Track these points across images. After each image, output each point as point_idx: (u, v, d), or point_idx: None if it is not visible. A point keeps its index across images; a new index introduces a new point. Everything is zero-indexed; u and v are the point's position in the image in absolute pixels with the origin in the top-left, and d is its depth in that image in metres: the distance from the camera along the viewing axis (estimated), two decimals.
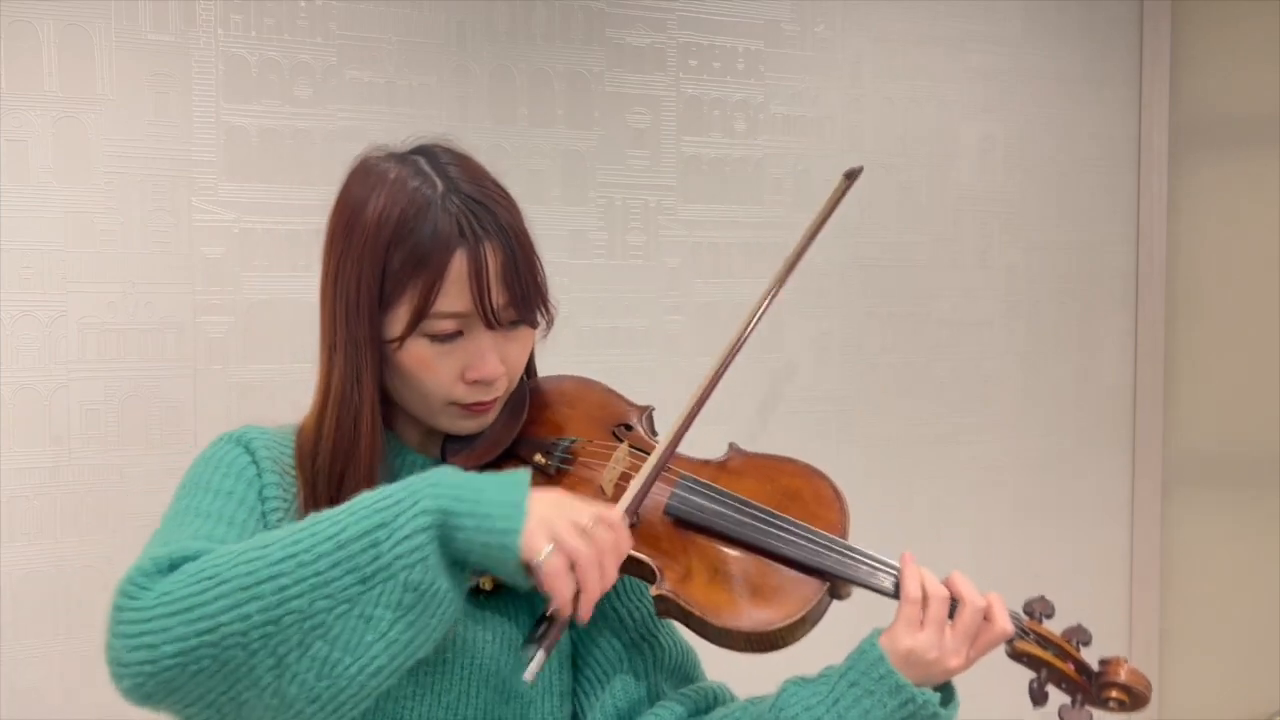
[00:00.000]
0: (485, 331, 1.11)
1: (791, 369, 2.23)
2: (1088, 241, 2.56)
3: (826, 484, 1.20)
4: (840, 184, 1.28)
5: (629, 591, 1.22)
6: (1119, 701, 1.11)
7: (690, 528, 1.14)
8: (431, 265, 1.07)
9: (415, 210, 1.08)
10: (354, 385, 1.11)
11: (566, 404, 1.26)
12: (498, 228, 1.10)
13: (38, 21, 1.64)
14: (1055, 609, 1.16)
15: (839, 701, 1.06)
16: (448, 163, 1.14)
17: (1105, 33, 2.54)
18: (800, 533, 1.12)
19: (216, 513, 1.08)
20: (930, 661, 1.06)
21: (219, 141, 1.76)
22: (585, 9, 2.02)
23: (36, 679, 1.68)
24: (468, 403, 1.13)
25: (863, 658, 1.07)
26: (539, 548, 0.93)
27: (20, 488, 1.66)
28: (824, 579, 1.10)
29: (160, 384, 1.74)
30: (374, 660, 0.93)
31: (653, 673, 1.20)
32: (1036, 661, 1.12)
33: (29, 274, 1.66)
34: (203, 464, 1.14)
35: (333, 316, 1.12)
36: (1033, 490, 2.51)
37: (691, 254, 2.12)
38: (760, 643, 1.08)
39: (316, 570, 0.92)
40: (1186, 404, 2.61)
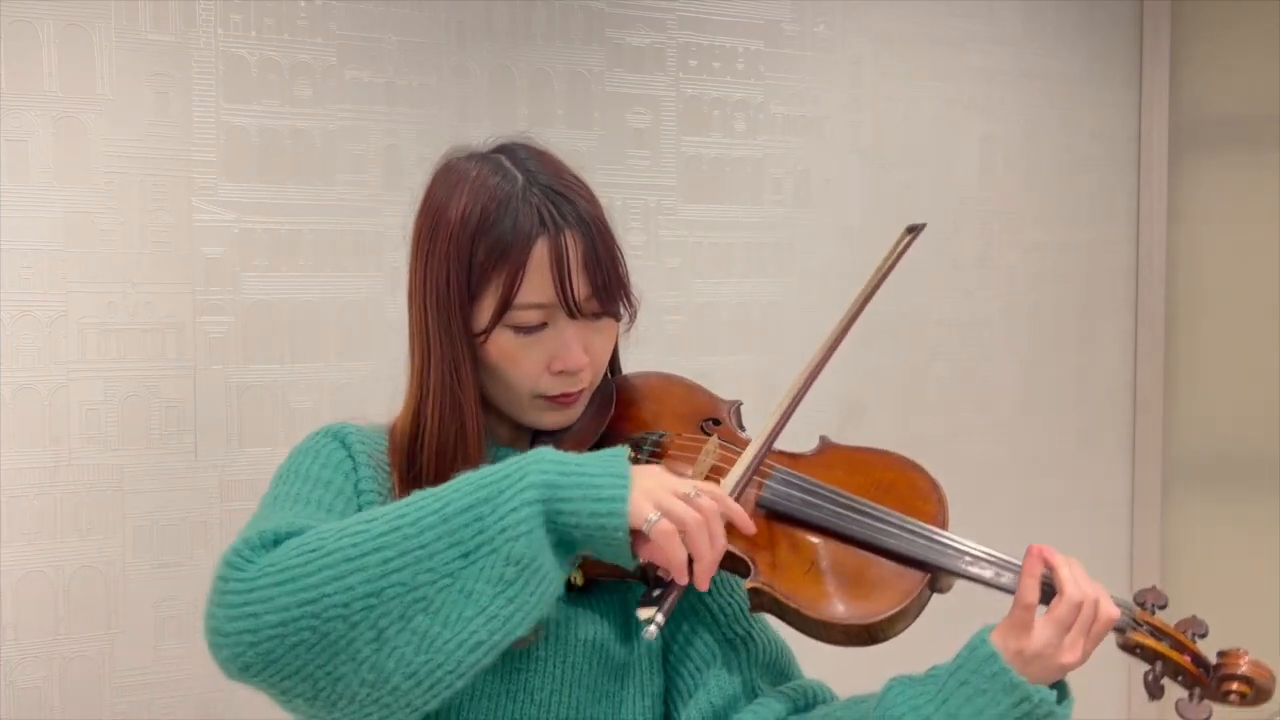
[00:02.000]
0: (569, 322, 1.12)
1: None
2: (1088, 241, 2.56)
3: (923, 475, 1.20)
4: (901, 238, 1.28)
5: (721, 587, 1.21)
6: (1240, 694, 1.06)
7: (784, 520, 1.12)
8: (514, 256, 1.08)
9: (497, 204, 1.10)
10: (453, 377, 1.12)
11: (653, 399, 1.26)
12: (578, 218, 1.11)
13: (38, 21, 1.64)
14: (1169, 600, 1.12)
15: (948, 701, 1.03)
16: (527, 158, 1.15)
17: (1105, 33, 2.54)
18: (898, 523, 1.10)
19: (316, 500, 1.09)
20: (1045, 657, 1.03)
21: (219, 141, 1.76)
22: (585, 9, 2.02)
23: (36, 679, 1.68)
24: (553, 394, 1.14)
25: (973, 655, 1.04)
26: (646, 514, 0.95)
27: (20, 488, 1.66)
28: (924, 571, 1.08)
29: (160, 384, 1.74)
30: (473, 635, 0.94)
31: (748, 669, 1.19)
32: (1151, 653, 1.08)
33: (29, 274, 1.66)
34: (300, 455, 1.15)
35: (423, 313, 1.13)
36: (1033, 490, 2.51)
37: (691, 254, 2.12)
38: (859, 635, 1.06)
39: (421, 543, 0.93)
40: (1186, 404, 2.61)
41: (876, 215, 2.31)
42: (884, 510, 1.12)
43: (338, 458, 1.13)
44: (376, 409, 1.84)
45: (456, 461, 1.11)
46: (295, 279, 1.82)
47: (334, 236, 1.83)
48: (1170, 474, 2.62)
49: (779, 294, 2.21)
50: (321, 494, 1.10)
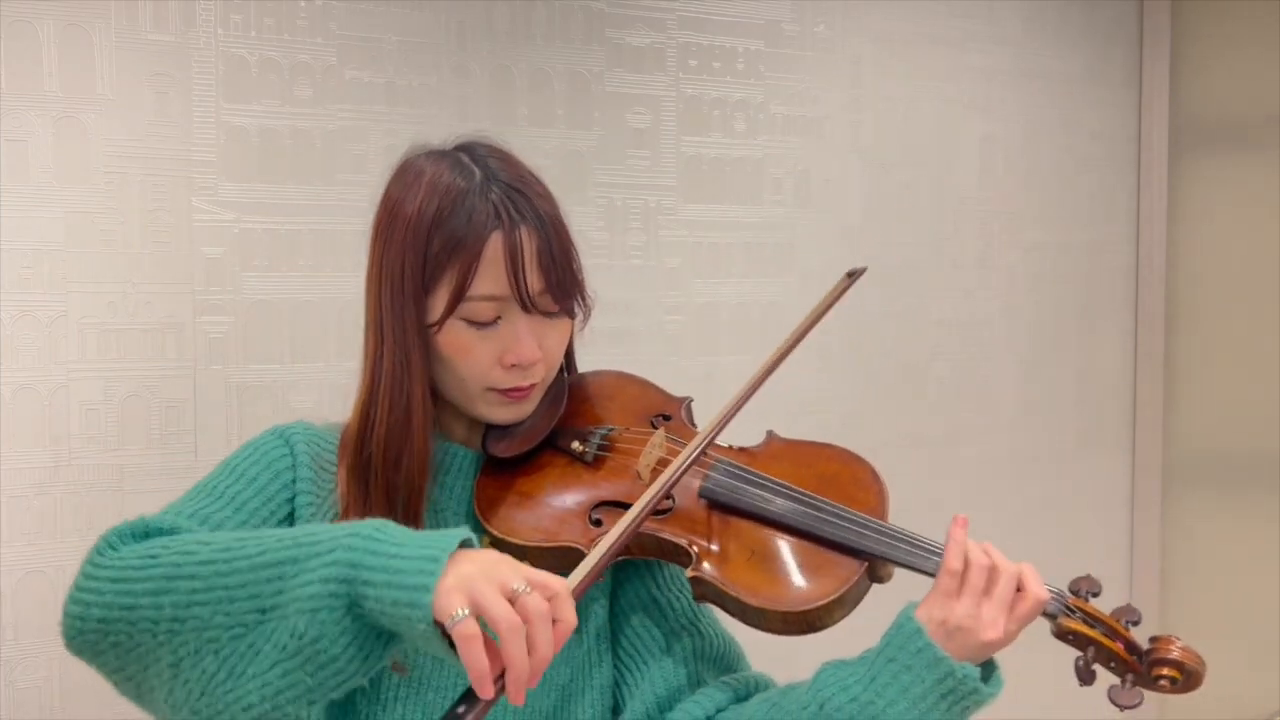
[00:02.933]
0: (522, 316, 1.13)
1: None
2: (1088, 241, 2.56)
3: (865, 467, 1.21)
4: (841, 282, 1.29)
5: (669, 581, 1.23)
6: (1171, 679, 1.07)
7: (726, 510, 1.14)
8: (468, 247, 1.10)
9: (454, 197, 1.11)
10: (404, 368, 1.13)
11: (605, 396, 1.28)
12: (534, 214, 1.13)
13: (38, 21, 1.64)
14: (1102, 587, 1.13)
15: (876, 679, 1.05)
16: (486, 155, 1.17)
17: (1105, 33, 2.54)
18: (837, 513, 1.12)
19: (230, 495, 1.11)
20: (966, 631, 1.05)
21: (219, 141, 1.76)
22: (585, 9, 2.02)
23: (36, 679, 1.68)
24: (505, 388, 1.15)
25: (899, 632, 1.06)
26: (452, 610, 0.85)
27: (20, 488, 1.66)
28: (862, 559, 1.10)
29: (160, 384, 1.74)
30: (247, 694, 0.91)
31: (693, 661, 1.20)
32: (1083, 640, 1.09)
33: (29, 274, 1.66)
34: (244, 450, 1.17)
35: (379, 304, 1.15)
36: (1033, 490, 2.51)
37: (691, 254, 2.12)
38: (797, 623, 1.08)
39: (226, 585, 0.92)
40: (1186, 404, 2.61)
41: (876, 215, 2.31)
42: (823, 500, 1.13)
43: (276, 454, 1.15)
44: None
45: (403, 452, 1.12)
46: (295, 279, 1.82)
47: (334, 236, 1.83)
48: (1170, 474, 2.62)
49: (779, 294, 2.21)
50: (240, 490, 1.11)
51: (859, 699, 1.04)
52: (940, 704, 1.04)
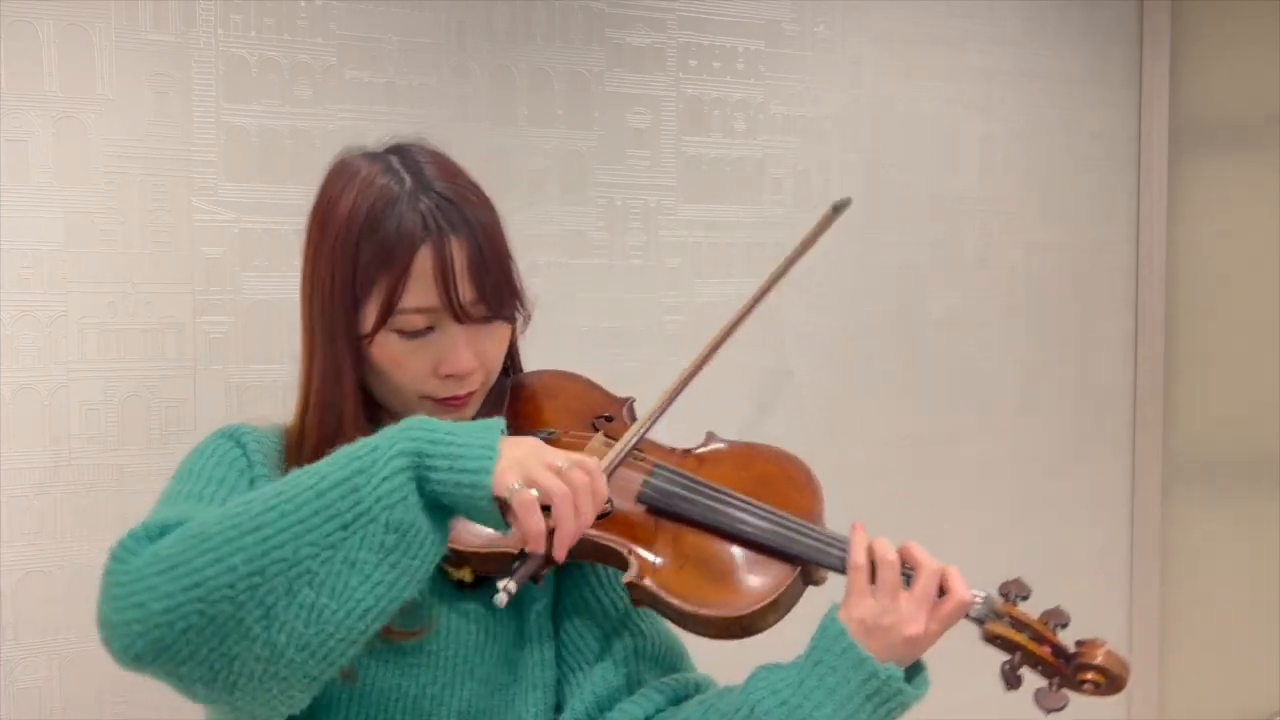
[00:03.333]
0: (457, 326, 1.12)
1: (790, 371, 2.23)
2: (1088, 241, 2.56)
3: (799, 469, 1.22)
4: (827, 214, 1.30)
5: (609, 582, 1.23)
6: (1094, 684, 1.09)
7: (664, 515, 1.15)
8: (397, 260, 1.08)
9: (383, 205, 1.10)
10: (334, 381, 1.13)
11: (546, 397, 1.28)
12: (464, 222, 1.11)
13: (38, 21, 1.64)
14: (1031, 591, 1.14)
15: (805, 682, 1.06)
16: (419, 160, 1.15)
17: (1105, 33, 2.54)
18: (771, 518, 1.13)
19: (210, 496, 1.10)
20: (886, 628, 1.06)
21: (219, 141, 1.76)
22: (585, 9, 2.02)
23: (36, 679, 1.68)
24: (441, 397, 1.14)
25: (824, 634, 1.07)
26: (510, 484, 0.95)
27: (20, 488, 1.66)
28: (795, 564, 1.11)
29: (160, 384, 1.74)
30: (360, 603, 0.94)
31: (633, 661, 1.20)
32: (1010, 644, 1.10)
33: (29, 274, 1.66)
34: (196, 455, 1.16)
35: (310, 314, 1.14)
36: (1033, 490, 2.51)
37: (691, 254, 2.12)
38: (732, 628, 1.09)
39: (299, 518, 0.93)
40: (1186, 404, 2.61)
41: (876, 215, 2.31)
42: (757, 505, 1.14)
43: (232, 456, 1.14)
44: None
45: None
46: (295, 279, 1.81)
47: None
48: (1170, 474, 2.62)
49: (779, 294, 2.20)
50: (215, 491, 1.10)
51: (788, 702, 1.05)
52: (866, 705, 1.05)
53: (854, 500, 1.19)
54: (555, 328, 1.98)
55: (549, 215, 2.00)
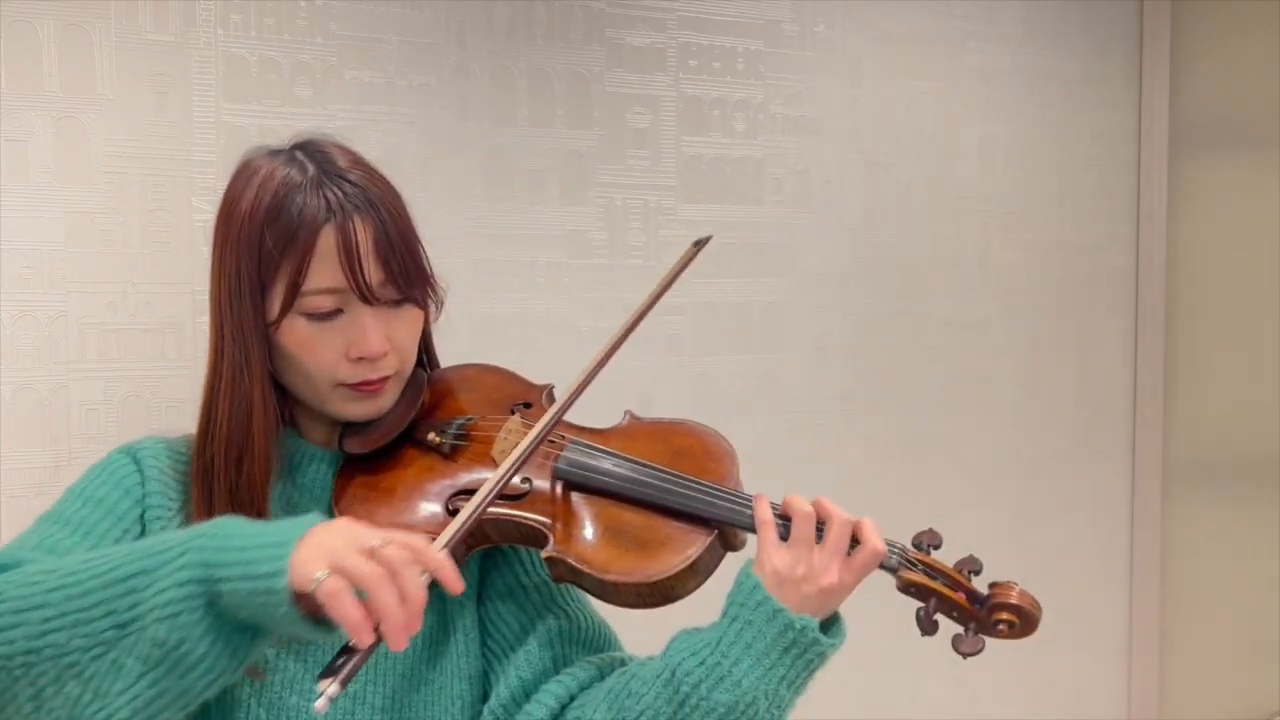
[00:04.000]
0: (365, 308, 1.11)
1: (788, 369, 2.23)
2: (1088, 241, 2.56)
3: (716, 439, 1.22)
4: (688, 251, 1.31)
5: (533, 566, 1.23)
6: (1009, 623, 1.09)
7: (579, 489, 1.15)
8: (300, 241, 1.09)
9: (286, 191, 1.11)
10: (243, 370, 1.11)
11: (465, 388, 1.28)
12: (369, 204, 1.11)
13: (38, 21, 1.64)
14: (943, 540, 1.16)
15: (723, 639, 1.06)
16: (323, 149, 1.16)
17: (1105, 33, 2.54)
18: (682, 483, 1.13)
19: (78, 521, 1.09)
20: (800, 579, 1.06)
21: (219, 141, 1.76)
22: (585, 9, 2.02)
23: None
24: (354, 382, 1.13)
25: (739, 589, 1.08)
26: (311, 575, 0.85)
27: (20, 488, 1.66)
28: (710, 527, 1.11)
29: (160, 384, 1.74)
30: (117, 712, 0.90)
31: (560, 644, 1.20)
32: (925, 591, 1.11)
33: (29, 274, 1.66)
34: (90, 473, 1.15)
35: (218, 304, 1.14)
36: (1032, 491, 2.51)
37: None
38: (651, 594, 1.09)
39: (80, 607, 0.90)
40: (1186, 404, 2.61)
41: (876, 215, 2.31)
42: (670, 472, 1.15)
43: (123, 473, 1.13)
44: None
45: (244, 453, 1.11)
46: None
47: None
48: (1170, 474, 2.62)
49: (779, 294, 2.21)
50: (89, 514, 1.09)
51: (706, 661, 1.06)
52: (784, 658, 1.05)
53: (854, 499, 1.19)
54: (555, 328, 1.98)
55: (549, 215, 2.00)
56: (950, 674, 1.16)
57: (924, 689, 2.32)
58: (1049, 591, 1.16)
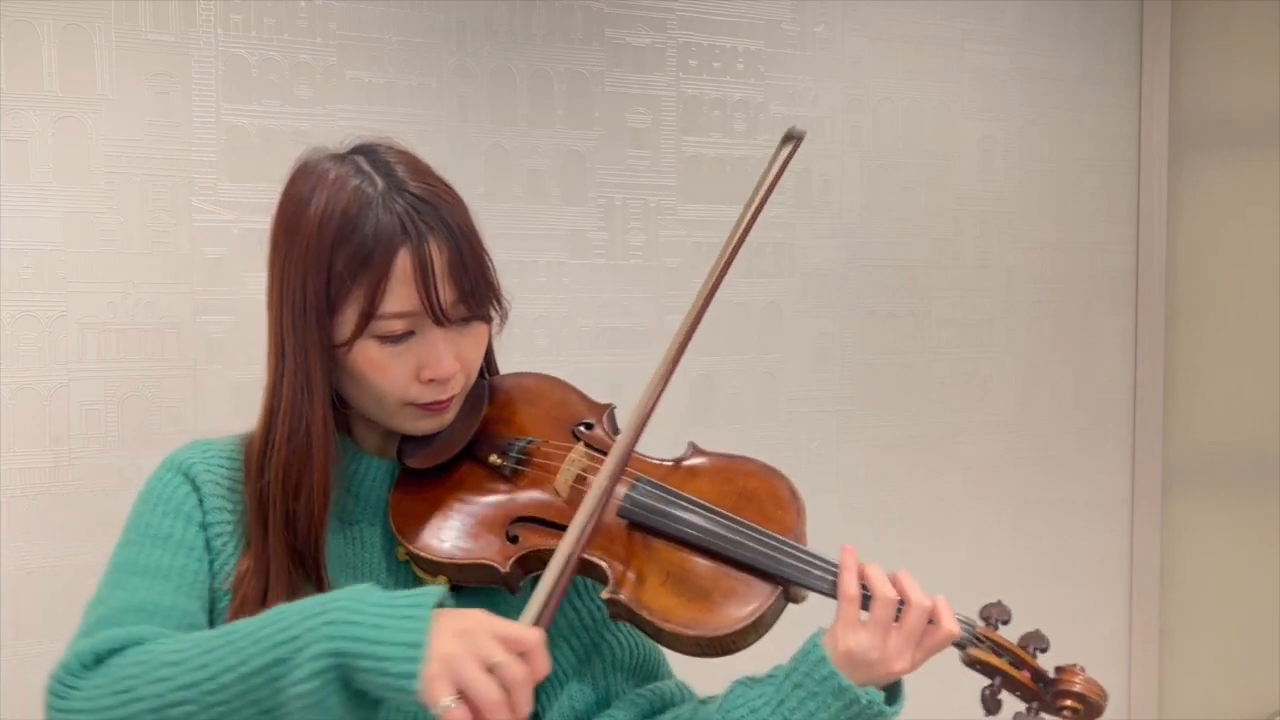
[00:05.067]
0: (436, 329, 1.09)
1: (789, 369, 2.23)
2: (1088, 241, 2.56)
3: (783, 485, 1.18)
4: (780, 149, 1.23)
5: (584, 593, 1.21)
6: (1073, 710, 1.09)
7: (644, 530, 1.12)
8: (375, 265, 1.05)
9: (357, 209, 1.07)
10: (304, 392, 1.09)
11: (526, 402, 1.25)
12: (441, 223, 1.08)
13: (38, 21, 1.64)
14: (1012, 615, 1.14)
15: (784, 703, 1.05)
16: (389, 160, 1.12)
17: (1105, 33, 2.54)
18: (754, 536, 1.11)
19: (154, 566, 1.08)
20: (873, 662, 1.05)
21: (219, 141, 1.76)
22: (585, 9, 2.02)
23: (36, 679, 1.68)
24: (424, 402, 1.11)
25: (806, 659, 1.06)
26: (439, 696, 0.89)
27: (20, 488, 1.66)
28: (776, 584, 1.09)
29: (160, 384, 1.74)
30: None
31: (609, 673, 1.19)
32: (990, 669, 1.10)
33: (29, 274, 1.66)
34: (145, 501, 1.14)
35: (279, 322, 1.10)
36: (1032, 490, 2.51)
37: (691, 254, 2.12)
38: (711, 647, 1.07)
39: (221, 699, 0.92)
40: (1186, 404, 2.61)
41: (876, 215, 2.31)
42: (740, 522, 1.12)
43: (179, 497, 1.12)
44: None
45: (302, 482, 1.09)
46: None
47: None
48: (1170, 474, 2.62)
49: (779, 294, 2.21)
50: (160, 556, 1.09)
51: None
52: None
53: (854, 500, 1.19)
54: (555, 327, 1.98)
55: (549, 215, 2.00)
56: (949, 674, 1.16)
57: (919, 684, 2.32)
58: (1049, 591, 1.16)
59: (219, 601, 1.10)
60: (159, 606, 1.05)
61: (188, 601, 1.07)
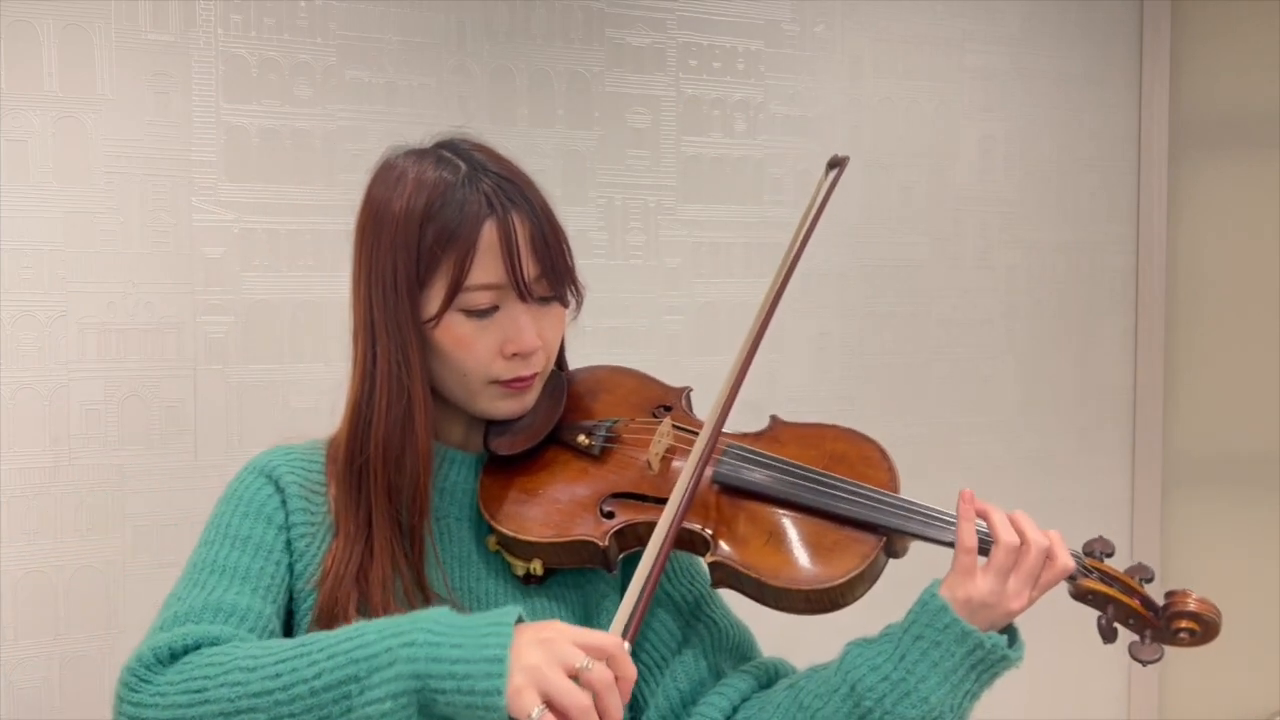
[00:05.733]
0: (520, 304, 1.12)
1: (788, 369, 2.22)
2: (1088, 241, 2.56)
3: (872, 445, 1.21)
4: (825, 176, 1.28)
5: (680, 573, 1.22)
6: (1190, 631, 1.08)
7: (740, 494, 1.14)
8: (463, 237, 1.09)
9: (444, 188, 1.11)
10: (402, 365, 1.11)
11: (604, 390, 1.27)
12: (524, 199, 1.12)
13: (38, 21, 1.64)
14: (1115, 548, 1.15)
15: (905, 656, 1.05)
16: (468, 149, 1.16)
17: (1105, 33, 2.54)
18: (851, 489, 1.12)
19: (232, 567, 1.09)
20: (991, 606, 1.05)
21: (219, 141, 1.76)
22: (585, 9, 2.02)
23: (36, 679, 1.68)
24: (507, 379, 1.13)
25: (924, 610, 1.06)
26: (527, 708, 0.89)
27: (20, 488, 1.66)
28: (879, 534, 1.10)
29: (160, 384, 1.74)
30: None
31: (713, 653, 1.19)
32: (1102, 599, 1.10)
33: (29, 274, 1.66)
34: (227, 502, 1.15)
35: (368, 305, 1.13)
36: (1033, 490, 2.51)
37: (691, 254, 2.12)
38: (820, 601, 1.08)
39: (291, 711, 0.93)
40: (1186, 404, 2.61)
41: (876, 215, 2.31)
42: (836, 477, 1.14)
43: (263, 501, 1.13)
44: None
45: (405, 450, 1.11)
46: (295, 279, 1.82)
47: (334, 236, 1.83)
48: (1170, 474, 2.62)
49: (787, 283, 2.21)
50: (239, 556, 1.09)
51: (890, 677, 1.05)
52: (970, 674, 1.06)
53: None
54: None
55: None
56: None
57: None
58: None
59: (302, 602, 1.10)
60: (235, 607, 1.06)
61: (263, 605, 1.08)
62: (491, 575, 1.15)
